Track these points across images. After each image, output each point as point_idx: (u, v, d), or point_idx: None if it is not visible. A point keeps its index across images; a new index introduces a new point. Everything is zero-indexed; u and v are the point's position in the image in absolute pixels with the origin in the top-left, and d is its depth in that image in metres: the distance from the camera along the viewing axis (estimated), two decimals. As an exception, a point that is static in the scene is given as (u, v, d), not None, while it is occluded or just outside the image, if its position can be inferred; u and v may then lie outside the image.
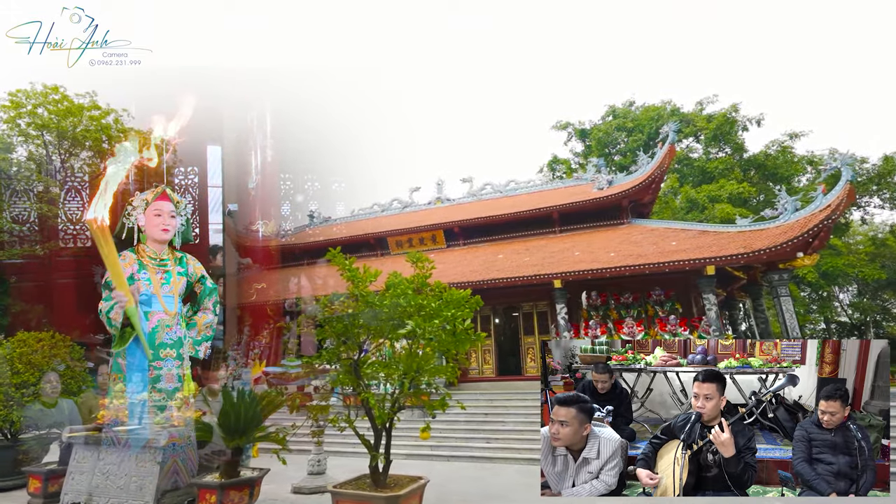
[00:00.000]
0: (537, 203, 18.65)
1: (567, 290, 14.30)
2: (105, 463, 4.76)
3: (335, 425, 5.04)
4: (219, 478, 4.64)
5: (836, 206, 11.80)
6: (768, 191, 25.70)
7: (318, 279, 17.85)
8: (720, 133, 27.68)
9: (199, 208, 16.97)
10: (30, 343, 7.55)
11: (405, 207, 22.97)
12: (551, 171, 35.47)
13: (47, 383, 7.26)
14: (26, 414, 7.31)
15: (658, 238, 14.90)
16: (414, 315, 5.18)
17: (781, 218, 12.94)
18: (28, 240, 16.05)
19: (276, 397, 5.48)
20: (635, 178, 17.00)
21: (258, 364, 14.60)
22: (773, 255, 12.16)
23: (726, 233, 13.87)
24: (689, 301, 14.79)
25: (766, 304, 15.91)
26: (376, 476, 4.76)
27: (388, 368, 5.26)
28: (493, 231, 18.56)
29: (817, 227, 11.81)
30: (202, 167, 17.06)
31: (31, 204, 16.34)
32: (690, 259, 12.77)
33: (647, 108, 31.88)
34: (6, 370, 7.24)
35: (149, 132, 6.16)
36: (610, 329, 14.12)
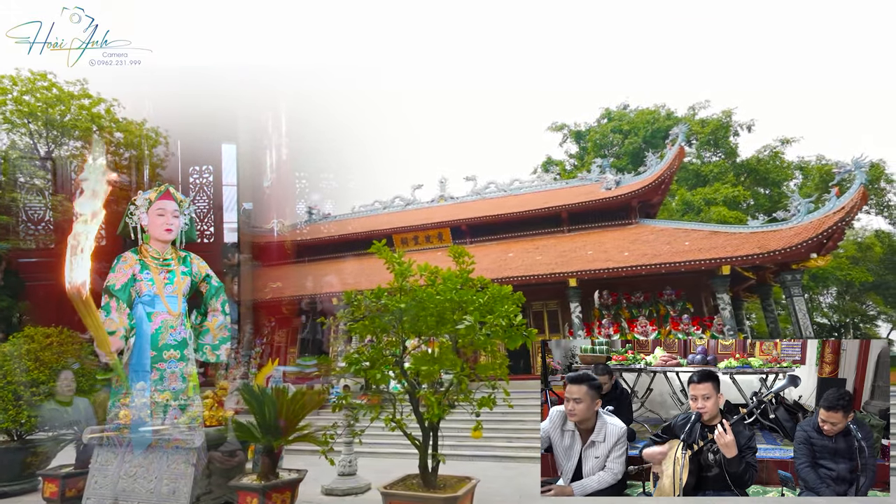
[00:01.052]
0: (543, 202, 18.64)
1: (580, 289, 14.28)
2: (131, 465, 4.50)
3: (387, 424, 4.86)
4: (257, 479, 4.43)
5: (850, 209, 11.98)
6: (758, 195, 26.22)
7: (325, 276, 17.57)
8: (714, 137, 28.15)
9: (213, 207, 16.56)
10: (38, 339, 7.18)
11: (408, 205, 22.78)
12: (545, 171, 35.65)
13: (64, 381, 6.91)
14: (40, 414, 6.93)
15: (669, 238, 14.96)
16: (468, 309, 5.02)
17: (794, 220, 13.10)
18: (42, 238, 15.44)
19: (314, 395, 5.28)
20: (644, 178, 17.08)
21: (270, 362, 14.24)
22: (788, 256, 12.29)
23: (738, 233, 13.99)
24: (700, 300, 14.88)
25: (770, 303, 16.15)
26: (426, 476, 4.56)
27: (437, 364, 5.05)
28: (501, 229, 18.49)
29: (831, 229, 11.98)
30: (217, 166, 16.63)
31: (44, 200, 15.71)
32: (707, 259, 12.84)
33: (642, 112, 32.35)
34: (14, 367, 6.85)
35: (140, 125, 5.91)
36: (624, 328, 14.13)
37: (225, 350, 6.00)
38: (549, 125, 35.28)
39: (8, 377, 6.71)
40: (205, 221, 16.16)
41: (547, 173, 35.11)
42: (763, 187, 28.09)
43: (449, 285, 5.18)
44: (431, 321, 5.20)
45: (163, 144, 17.62)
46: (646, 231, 16.10)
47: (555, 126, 35.10)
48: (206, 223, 16.15)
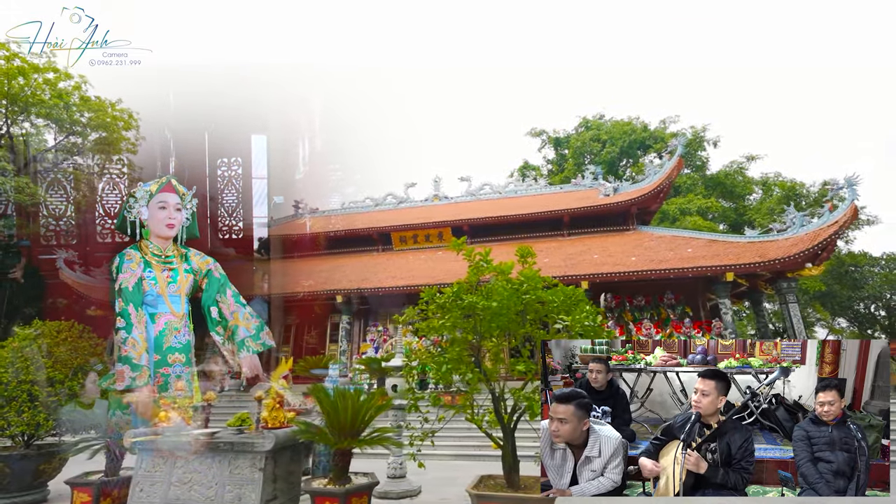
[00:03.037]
0: (542, 206, 18.98)
1: (590, 292, 14.69)
2: (184, 471, 4.13)
3: (478, 424, 4.83)
4: (330, 483, 4.27)
5: (843, 223, 13.06)
6: (723, 207, 28.00)
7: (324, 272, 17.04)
8: (687, 152, 29.77)
9: (242, 200, 15.56)
10: (48, 333, 6.48)
11: (400, 203, 22.54)
12: (522, 176, 36.33)
13: (91, 382, 6.38)
14: (58, 416, 6.32)
15: (670, 245, 15.65)
16: (550, 308, 5.13)
17: (790, 231, 14.11)
18: (63, 234, 14.05)
19: (386, 397, 5.22)
20: (643, 186, 17.75)
21: (284, 361, 13.48)
22: (787, 265, 13.22)
23: (737, 243, 14.87)
24: (697, 305, 15.65)
25: (762, 308, 17.27)
26: (511, 477, 4.50)
27: (533, 365, 5.05)
28: (502, 231, 18.68)
29: (825, 241, 13.00)
30: (246, 158, 15.65)
31: (66, 194, 14.29)
32: (713, 265, 13.57)
33: (618, 123, 33.63)
34: (28, 365, 6.20)
35: (112, 105, 5.80)
36: (630, 330, 14.67)
37: (267, 334, 5.71)
38: (529, 130, 36.09)
39: (21, 375, 6.07)
40: (233, 216, 15.27)
41: (523, 178, 35.79)
42: (727, 200, 29.95)
43: (532, 284, 5.22)
44: (518, 320, 5.24)
45: (134, 129, 16.56)
46: (645, 237, 16.74)
47: (534, 132, 35.91)
48: (235, 218, 15.26)
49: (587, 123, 34.88)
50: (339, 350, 16.17)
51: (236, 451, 4.03)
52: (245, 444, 4.03)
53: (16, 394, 5.67)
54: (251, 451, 4.01)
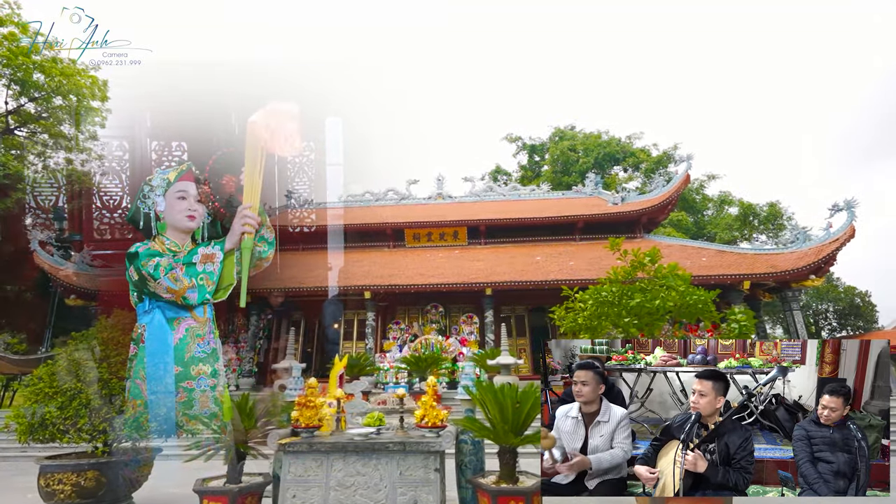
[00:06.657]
0: (548, 210, 19.46)
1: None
2: (345, 474, 3.93)
3: None
4: (497, 482, 4.06)
5: (843, 240, 14.67)
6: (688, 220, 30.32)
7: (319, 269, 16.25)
8: (657, 167, 31.85)
9: (315, 190, 14.11)
10: (117, 332, 5.44)
11: (402, 199, 22.08)
12: (494, 180, 37.01)
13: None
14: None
15: (682, 253, 16.67)
16: (689, 305, 5.47)
17: (794, 245, 15.60)
18: (118, 228, 12.14)
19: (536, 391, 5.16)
20: (651, 197, 18.70)
21: (337, 359, 12.50)
22: (794, 276, 14.61)
23: (744, 254, 16.19)
24: (706, 311, 16.86)
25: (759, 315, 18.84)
26: None
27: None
28: (516, 233, 18.91)
29: (828, 256, 14.55)
30: (318, 143, 14.16)
31: (122, 184, 12.39)
32: (733, 274, 14.68)
33: (589, 136, 35.24)
34: (88, 374, 5.40)
35: (83, 72, 5.51)
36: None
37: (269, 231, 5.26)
38: (505, 136, 36.83)
39: (79, 385, 5.22)
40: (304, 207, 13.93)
41: (496, 182, 36.41)
42: (688, 213, 32.41)
43: (680, 282, 5.50)
44: (666, 318, 5.51)
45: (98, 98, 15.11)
46: (654, 246, 17.75)
47: (510, 137, 36.67)
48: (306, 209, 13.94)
49: (561, 133, 36.22)
50: (365, 347, 15.53)
51: (407, 451, 3.86)
52: (420, 443, 3.85)
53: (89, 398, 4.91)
54: (426, 450, 3.85)
